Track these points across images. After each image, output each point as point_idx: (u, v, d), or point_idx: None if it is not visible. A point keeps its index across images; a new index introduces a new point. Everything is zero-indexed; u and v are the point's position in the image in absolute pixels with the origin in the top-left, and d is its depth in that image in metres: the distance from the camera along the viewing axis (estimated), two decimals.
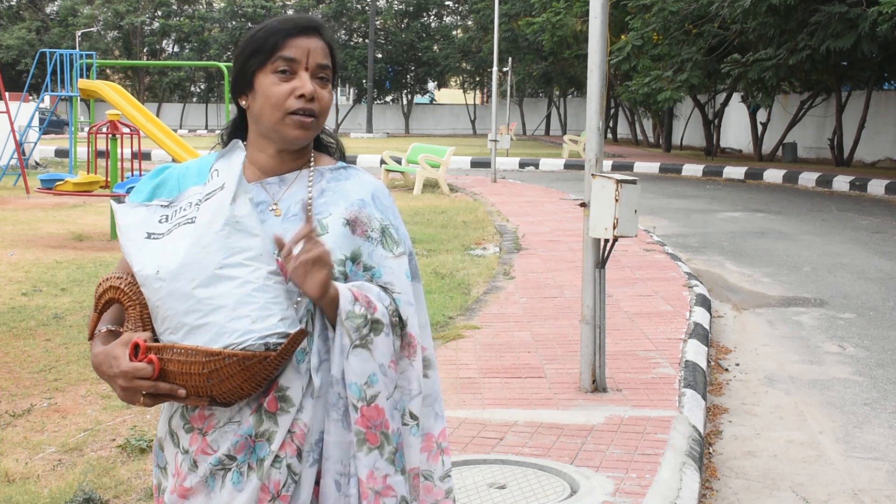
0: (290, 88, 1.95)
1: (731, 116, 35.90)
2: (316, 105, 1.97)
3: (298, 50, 1.96)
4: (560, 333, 7.16)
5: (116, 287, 1.93)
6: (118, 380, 1.84)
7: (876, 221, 15.32)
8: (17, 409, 5.29)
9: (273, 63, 1.96)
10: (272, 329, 1.83)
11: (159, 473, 2.03)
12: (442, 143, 30.80)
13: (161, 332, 1.88)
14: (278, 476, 1.88)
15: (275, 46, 1.96)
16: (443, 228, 13.41)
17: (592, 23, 5.61)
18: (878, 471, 4.89)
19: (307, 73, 1.97)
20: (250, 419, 1.89)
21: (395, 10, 59.37)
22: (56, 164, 24.91)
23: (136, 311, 1.91)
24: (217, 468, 1.90)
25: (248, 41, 2.01)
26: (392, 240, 2.02)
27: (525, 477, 4.37)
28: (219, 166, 1.96)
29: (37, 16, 56.54)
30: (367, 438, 1.90)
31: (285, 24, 1.99)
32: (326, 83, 2.00)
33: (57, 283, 8.81)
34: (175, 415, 1.97)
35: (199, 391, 1.84)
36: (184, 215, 1.94)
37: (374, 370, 1.91)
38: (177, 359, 1.82)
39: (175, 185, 2.04)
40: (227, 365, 1.81)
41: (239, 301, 1.83)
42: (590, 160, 5.65)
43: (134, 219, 1.97)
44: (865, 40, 19.84)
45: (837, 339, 7.58)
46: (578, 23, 28.49)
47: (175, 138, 15.34)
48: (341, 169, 2.08)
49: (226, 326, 1.82)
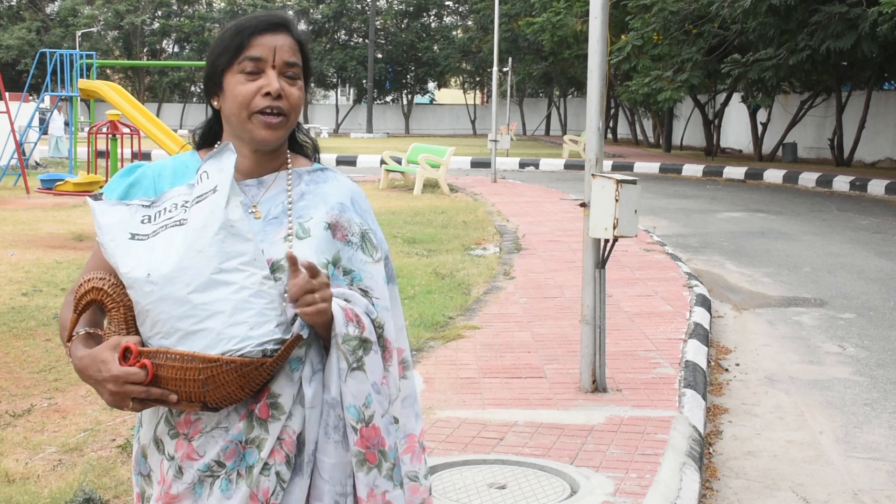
0: (257, 87, 1.93)
1: (731, 116, 35.90)
2: (284, 103, 1.95)
3: (264, 48, 1.94)
4: (560, 333, 7.16)
5: (99, 289, 1.87)
6: (108, 384, 1.79)
7: (876, 221, 15.32)
8: (17, 409, 5.29)
9: (240, 63, 1.94)
10: (269, 335, 1.81)
11: (142, 482, 2.00)
12: (442, 143, 30.78)
13: (150, 336, 1.84)
14: (267, 483, 1.87)
15: (241, 45, 1.94)
16: (443, 228, 13.40)
17: (592, 23, 5.62)
18: (879, 471, 4.89)
19: (274, 70, 1.94)
20: (240, 425, 1.87)
21: (395, 10, 59.37)
22: (56, 164, 24.90)
23: (121, 314, 1.86)
24: (205, 474, 1.88)
25: (216, 41, 2.00)
26: (371, 244, 2.03)
27: (525, 477, 4.37)
28: (208, 168, 1.91)
29: (37, 16, 56.53)
30: (366, 458, 1.90)
31: (251, 21, 1.97)
32: (296, 80, 1.98)
33: (57, 283, 8.81)
34: (160, 421, 1.94)
35: (192, 397, 1.81)
36: (170, 217, 1.90)
37: (368, 391, 1.90)
38: (171, 364, 1.78)
39: (150, 184, 2.01)
40: (224, 371, 1.78)
41: (236, 307, 1.81)
42: (590, 160, 5.65)
43: (114, 217, 1.91)
44: (865, 40, 19.84)
45: (837, 340, 7.58)
46: (578, 23, 28.49)
47: (175, 138, 15.33)
48: (318, 171, 2.07)
49: (223, 332, 1.79)
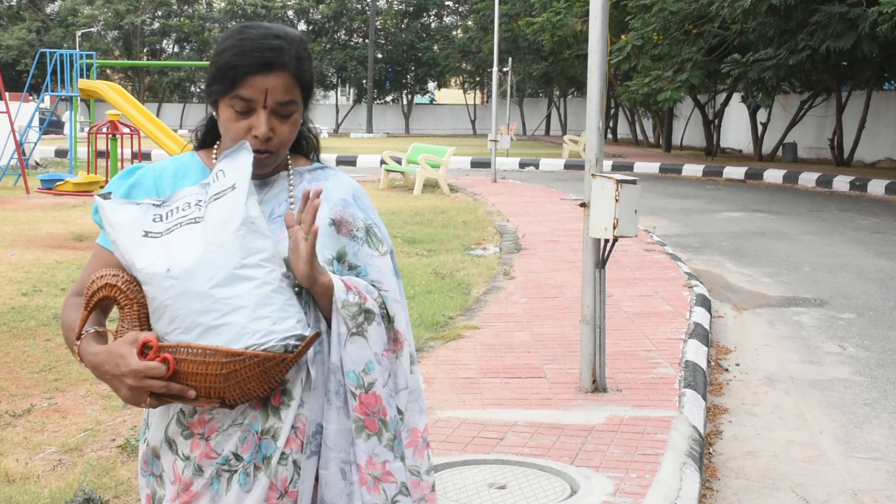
0: (247, 126, 1.94)
1: (731, 116, 35.90)
2: (273, 142, 1.95)
3: (255, 90, 1.91)
4: (560, 333, 7.16)
5: (112, 285, 1.86)
6: (126, 379, 1.78)
7: (876, 221, 15.32)
8: (17, 409, 5.29)
9: (231, 99, 1.93)
10: (291, 331, 1.83)
11: (153, 482, 1.99)
12: (442, 143, 30.78)
13: (167, 332, 1.84)
14: (285, 473, 1.89)
15: (233, 82, 1.92)
16: (443, 228, 13.40)
17: (592, 23, 5.61)
18: (878, 471, 4.89)
19: (265, 111, 1.93)
20: (255, 413, 1.88)
21: (395, 10, 59.35)
22: (56, 164, 24.91)
23: (134, 311, 1.85)
24: (223, 468, 1.88)
25: (212, 62, 1.97)
26: (377, 238, 2.05)
27: (525, 477, 4.37)
28: (224, 167, 1.93)
29: (37, 16, 56.51)
30: (365, 425, 1.91)
31: (244, 58, 1.92)
32: (289, 116, 1.96)
33: (57, 283, 8.80)
34: (171, 422, 1.93)
35: (212, 392, 1.80)
36: (184, 215, 1.91)
37: (370, 358, 1.93)
38: (192, 359, 1.78)
39: (151, 185, 2.02)
40: (247, 366, 1.78)
41: (259, 302, 1.82)
42: (590, 160, 5.65)
43: (126, 216, 1.92)
44: (865, 40, 19.84)
45: (837, 340, 7.58)
46: (578, 23, 28.49)
47: (175, 138, 15.33)
48: (319, 169, 2.09)
49: (247, 327, 1.80)
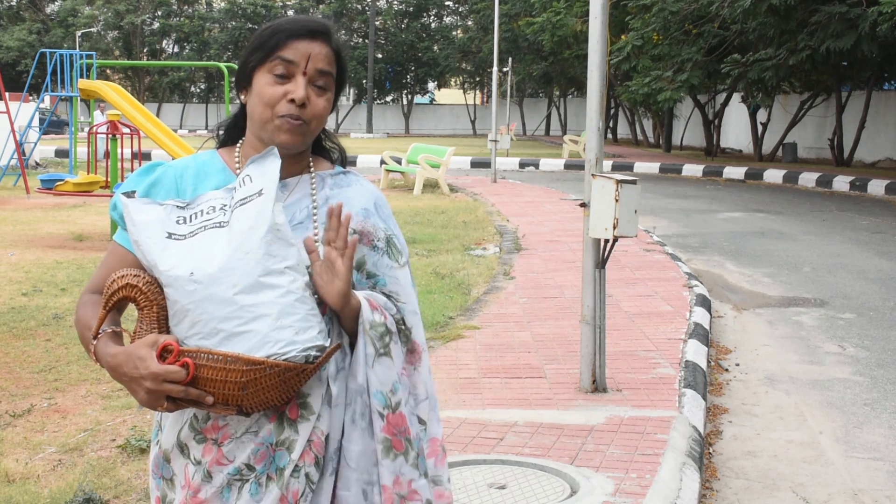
0: (284, 91, 1.91)
1: (731, 116, 35.90)
2: (307, 111, 1.92)
3: (298, 53, 1.91)
4: (560, 333, 7.16)
5: (133, 285, 1.82)
6: (145, 382, 1.76)
7: (876, 221, 15.32)
8: (17, 409, 5.29)
9: (272, 62, 1.92)
10: (312, 341, 1.80)
11: (164, 486, 1.98)
12: (442, 143, 30.78)
13: (187, 336, 1.80)
14: (297, 486, 1.87)
15: (275, 46, 1.92)
16: (443, 228, 13.40)
17: (592, 23, 5.61)
18: (878, 471, 4.89)
19: (304, 77, 1.92)
20: (270, 426, 1.86)
21: (395, 10, 59.39)
22: (56, 164, 24.91)
23: (153, 313, 1.82)
24: (234, 478, 1.87)
25: (254, 37, 1.98)
26: (396, 249, 2.03)
27: (525, 477, 4.37)
28: (251, 172, 1.90)
29: (37, 16, 56.53)
30: (392, 445, 1.90)
31: (291, 24, 1.94)
32: (325, 91, 1.95)
33: (57, 283, 8.80)
34: (185, 426, 1.91)
35: (229, 399, 1.78)
36: (209, 219, 1.88)
37: (395, 378, 1.91)
38: (212, 365, 1.75)
39: (172, 184, 1.99)
40: (267, 375, 1.76)
41: (282, 310, 1.79)
42: (590, 160, 5.65)
43: (150, 216, 1.88)
44: (865, 40, 19.83)
45: (837, 340, 7.57)
46: (578, 23, 28.49)
47: (175, 138, 15.32)
48: (341, 175, 2.06)
49: (269, 335, 1.77)
